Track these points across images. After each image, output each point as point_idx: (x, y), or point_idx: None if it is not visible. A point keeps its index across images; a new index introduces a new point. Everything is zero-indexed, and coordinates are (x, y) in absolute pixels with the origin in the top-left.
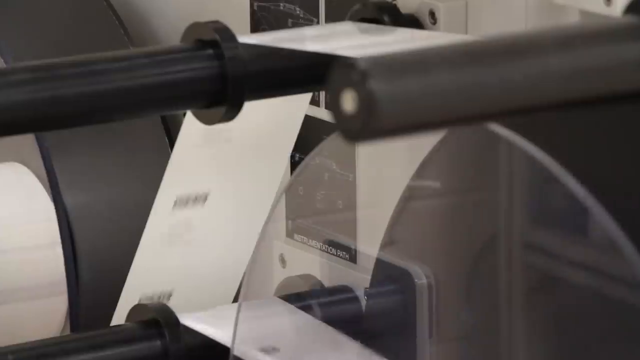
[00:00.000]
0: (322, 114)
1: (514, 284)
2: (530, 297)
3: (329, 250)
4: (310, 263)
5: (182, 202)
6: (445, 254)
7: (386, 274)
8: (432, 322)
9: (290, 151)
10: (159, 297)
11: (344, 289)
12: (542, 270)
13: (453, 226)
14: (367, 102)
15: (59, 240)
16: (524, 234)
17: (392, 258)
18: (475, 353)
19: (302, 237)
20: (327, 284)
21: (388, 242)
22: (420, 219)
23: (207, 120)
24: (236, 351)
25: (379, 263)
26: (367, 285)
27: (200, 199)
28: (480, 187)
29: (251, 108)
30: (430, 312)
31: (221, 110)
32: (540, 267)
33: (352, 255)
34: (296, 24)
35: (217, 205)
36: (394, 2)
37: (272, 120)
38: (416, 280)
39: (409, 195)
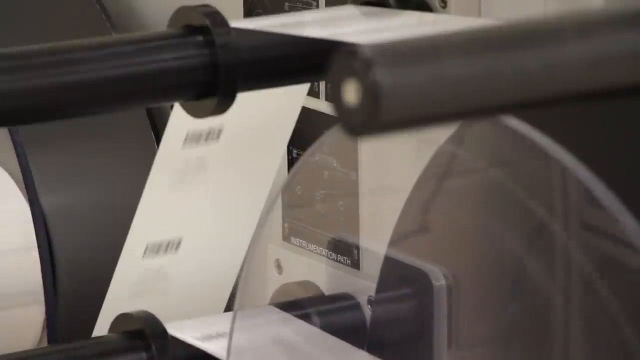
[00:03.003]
0: (322, 106)
1: (542, 286)
2: (561, 301)
3: (329, 255)
4: (308, 269)
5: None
6: (465, 252)
7: (397, 275)
8: (451, 328)
9: (286, 147)
10: (166, 248)
11: (346, 297)
12: (574, 271)
13: (474, 221)
14: (371, 93)
15: (35, 244)
16: (552, 233)
17: (404, 257)
18: None
19: (300, 240)
20: (327, 291)
21: (399, 239)
22: (436, 212)
23: (197, 113)
24: None
25: (389, 263)
26: (371, 293)
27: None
28: (503, 179)
29: (243, 99)
30: (450, 317)
31: (212, 102)
32: (573, 267)
33: (354, 261)
34: (294, 8)
35: (207, 206)
36: None
37: (266, 113)
38: (434, 281)
39: (423, 187)
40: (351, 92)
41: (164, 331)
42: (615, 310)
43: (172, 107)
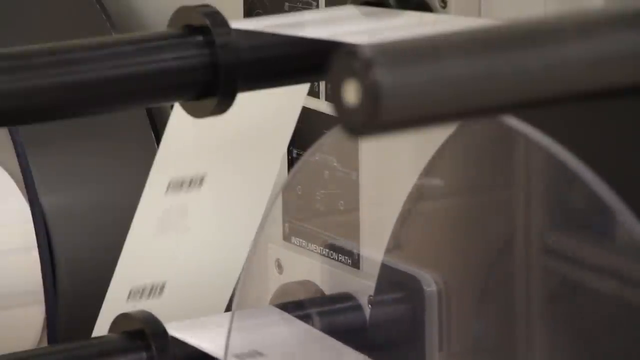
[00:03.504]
0: (323, 106)
1: (531, 291)
2: (549, 306)
3: (329, 255)
4: (309, 269)
5: (174, 190)
6: (456, 259)
7: (392, 280)
8: (442, 333)
9: (286, 147)
10: (150, 290)
11: (346, 297)
12: (562, 276)
13: (465, 229)
14: (371, 93)
15: (35, 244)
16: (542, 237)
17: (398, 263)
18: None
19: (300, 240)
20: (327, 291)
21: (394, 245)
22: (430, 220)
23: (197, 113)
24: None
25: (385, 268)
26: (371, 292)
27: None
28: (495, 186)
29: (243, 99)
30: (440, 322)
31: (212, 102)
32: (561, 272)
33: (354, 261)
34: (294, 8)
35: (208, 207)
36: None
37: (266, 113)
38: (425, 287)
39: (417, 195)
40: (351, 92)
41: (164, 331)
42: (608, 314)
43: (172, 107)
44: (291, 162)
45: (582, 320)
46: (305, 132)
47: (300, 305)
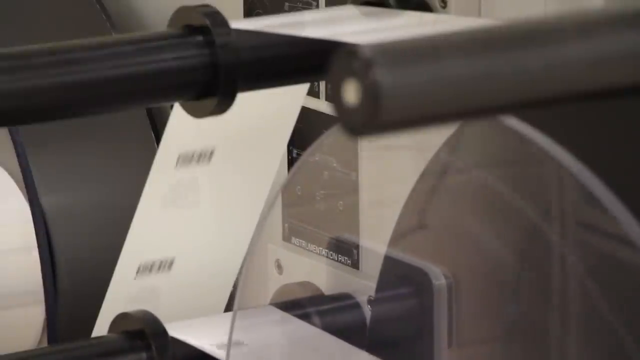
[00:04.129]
0: (322, 106)
1: (544, 284)
2: (561, 301)
3: (329, 255)
4: (309, 269)
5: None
6: (465, 252)
7: (397, 274)
8: (451, 328)
9: (285, 146)
10: (160, 265)
11: (346, 297)
12: (574, 271)
13: (475, 219)
14: (371, 93)
15: (35, 244)
16: (552, 233)
17: (404, 256)
18: None
19: (300, 240)
20: (327, 291)
21: (399, 238)
22: (436, 211)
23: (197, 113)
24: None
25: (389, 262)
26: (371, 293)
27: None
28: (503, 180)
29: (243, 99)
30: (450, 317)
31: (212, 102)
32: (572, 267)
33: (354, 261)
34: (294, 8)
35: (207, 206)
36: None
37: (266, 113)
38: (434, 280)
39: (423, 186)
40: (351, 92)
41: (164, 331)
42: (615, 310)
43: (172, 107)
44: (291, 161)
45: (593, 316)
46: (305, 132)
47: (300, 305)
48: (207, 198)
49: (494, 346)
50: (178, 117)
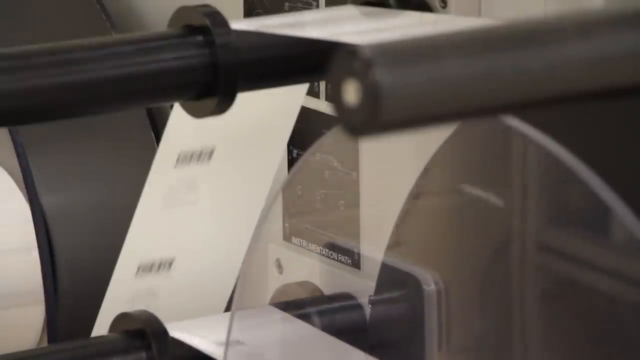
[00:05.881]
0: (322, 106)
1: (530, 290)
2: (548, 304)
3: (329, 255)
4: (309, 269)
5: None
6: (456, 258)
7: (392, 279)
8: (441, 332)
9: (286, 146)
10: (159, 266)
11: (346, 297)
12: (560, 274)
13: (464, 228)
14: (371, 93)
15: (35, 244)
16: (541, 236)
17: (398, 262)
18: None
19: (301, 240)
20: (327, 291)
21: (394, 244)
22: (429, 219)
23: (197, 113)
24: None
25: (385, 268)
26: (372, 293)
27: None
28: (494, 185)
29: (243, 99)
30: (440, 321)
31: (212, 102)
32: (559, 271)
33: (354, 261)
34: (294, 8)
35: (207, 206)
36: None
37: (266, 113)
38: (424, 286)
39: (417, 194)
40: (351, 92)
41: (165, 331)
42: (605, 315)
43: (172, 107)
44: (291, 161)
45: (580, 318)
46: (305, 132)
47: (300, 305)
48: (206, 198)
49: (483, 350)
50: (178, 117)
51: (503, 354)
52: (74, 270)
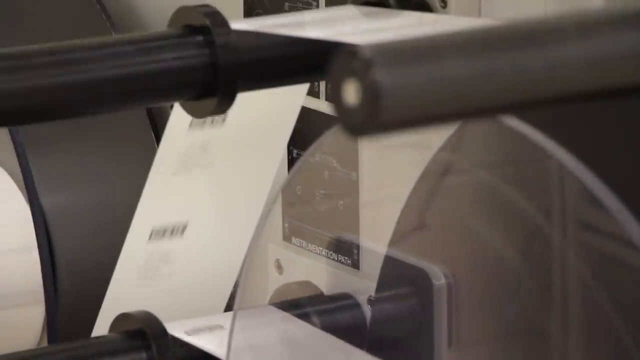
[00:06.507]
0: (322, 106)
1: (545, 284)
2: (561, 300)
3: (329, 255)
4: (309, 269)
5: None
6: (465, 252)
7: (397, 274)
8: (451, 328)
9: (286, 146)
10: (172, 230)
11: (346, 297)
12: (574, 271)
13: (474, 219)
14: (371, 93)
15: (35, 244)
16: (553, 231)
17: (404, 256)
18: None
19: (300, 240)
20: (327, 291)
21: (399, 237)
22: (437, 211)
23: (197, 113)
24: None
25: (389, 262)
26: (371, 293)
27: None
28: (503, 180)
29: (243, 99)
30: (450, 317)
31: (212, 102)
32: (572, 267)
33: (354, 261)
34: (294, 8)
35: (207, 205)
36: None
37: (266, 113)
38: (434, 280)
39: (423, 186)
40: (351, 92)
41: (164, 331)
42: (615, 310)
43: (172, 107)
44: (291, 161)
45: (594, 316)
46: (305, 132)
47: (300, 305)
48: (206, 198)
49: (494, 346)
50: (178, 117)
51: (513, 351)
52: (74, 270)
